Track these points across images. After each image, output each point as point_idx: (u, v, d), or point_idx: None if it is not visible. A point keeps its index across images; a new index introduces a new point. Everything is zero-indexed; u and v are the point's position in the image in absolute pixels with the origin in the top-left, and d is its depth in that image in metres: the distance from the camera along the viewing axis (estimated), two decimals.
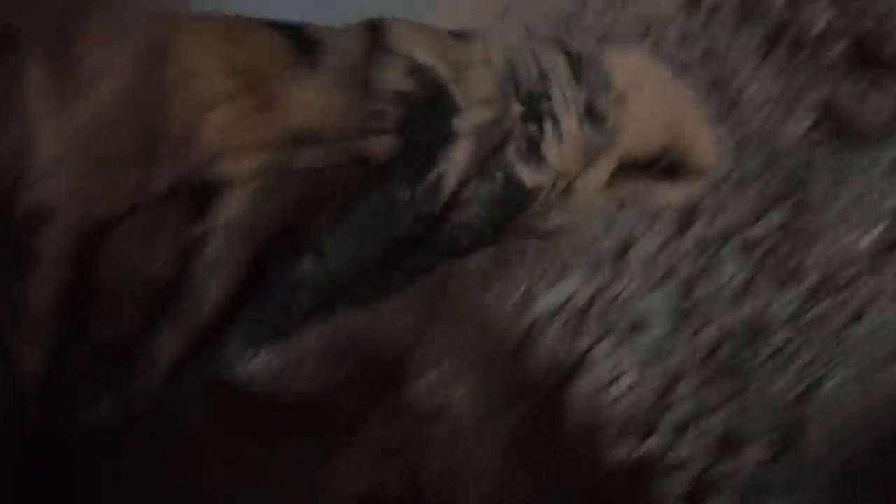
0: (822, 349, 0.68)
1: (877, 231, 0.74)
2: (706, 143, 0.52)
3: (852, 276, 0.71)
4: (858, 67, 0.84)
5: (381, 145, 0.41)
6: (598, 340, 0.69)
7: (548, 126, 0.45)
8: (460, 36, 0.45)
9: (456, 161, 0.42)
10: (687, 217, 0.75)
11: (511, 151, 0.44)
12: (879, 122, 0.80)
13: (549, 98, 0.45)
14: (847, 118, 0.80)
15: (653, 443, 0.66)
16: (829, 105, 0.81)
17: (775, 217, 0.74)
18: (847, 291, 0.71)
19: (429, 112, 0.42)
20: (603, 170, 0.48)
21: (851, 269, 0.72)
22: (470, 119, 0.43)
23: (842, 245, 0.73)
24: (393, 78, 0.41)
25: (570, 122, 0.45)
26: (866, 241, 0.73)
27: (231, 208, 0.39)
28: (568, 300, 0.71)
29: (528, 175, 0.44)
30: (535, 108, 0.45)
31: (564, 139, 0.45)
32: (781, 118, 0.80)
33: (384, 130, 0.41)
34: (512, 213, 0.45)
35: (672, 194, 0.53)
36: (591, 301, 0.71)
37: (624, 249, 0.73)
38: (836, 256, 0.72)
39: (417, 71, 0.42)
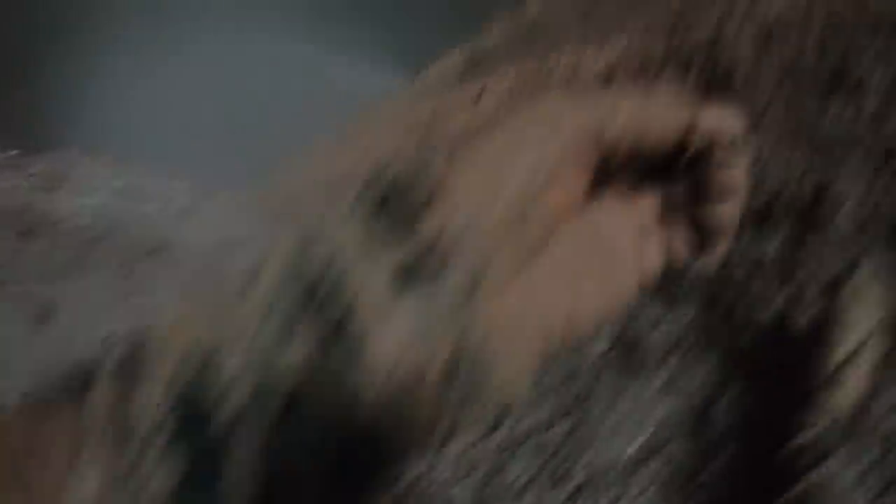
0: None
1: (637, 443, 0.98)
2: (667, 116, 0.40)
3: (610, 479, 0.96)
4: (663, 288, 1.06)
5: (162, 477, 0.38)
6: None
7: (357, 325, 0.36)
8: (238, 288, 0.39)
9: (244, 463, 0.38)
10: (498, 419, 0.99)
11: (326, 398, 0.36)
12: (661, 348, 1.03)
13: (345, 290, 0.36)
14: (637, 341, 1.04)
15: None
16: (629, 326, 1.05)
17: (563, 426, 0.98)
18: (608, 493, 0.95)
19: (195, 419, 0.38)
20: (495, 282, 0.38)
21: (610, 474, 0.96)
22: (238, 392, 0.36)
23: (608, 453, 0.97)
24: (152, 399, 0.38)
25: (380, 302, 0.36)
26: (629, 451, 0.97)
27: None
28: (395, 482, 0.96)
29: (366, 401, 0.36)
30: (333, 316, 0.36)
31: (387, 330, 0.36)
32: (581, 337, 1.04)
33: (160, 455, 0.38)
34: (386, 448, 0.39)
35: (715, 210, 0.43)
36: (411, 486, 0.96)
37: (444, 442, 0.98)
38: (601, 463, 0.97)
39: (180, 374, 0.38)
